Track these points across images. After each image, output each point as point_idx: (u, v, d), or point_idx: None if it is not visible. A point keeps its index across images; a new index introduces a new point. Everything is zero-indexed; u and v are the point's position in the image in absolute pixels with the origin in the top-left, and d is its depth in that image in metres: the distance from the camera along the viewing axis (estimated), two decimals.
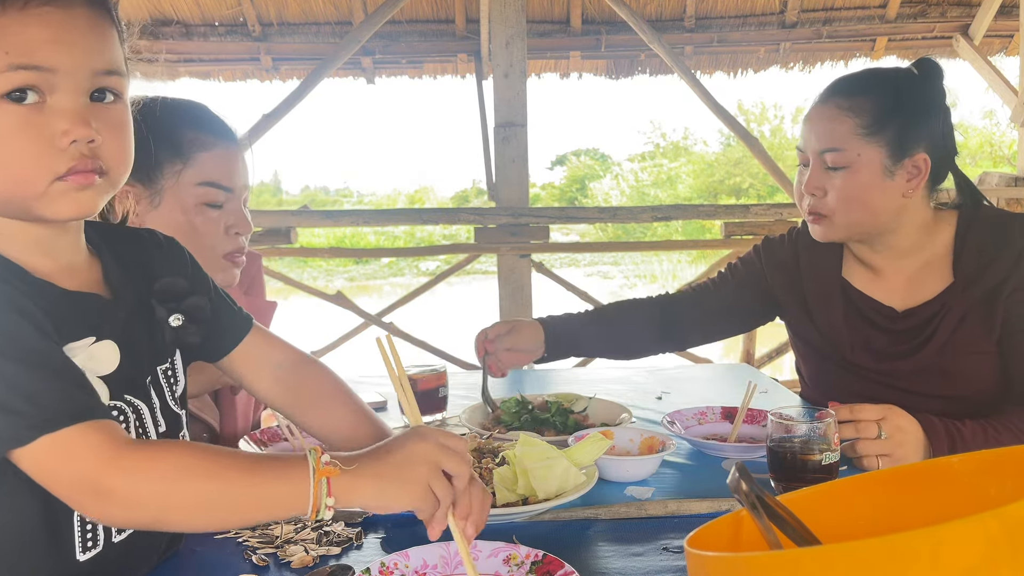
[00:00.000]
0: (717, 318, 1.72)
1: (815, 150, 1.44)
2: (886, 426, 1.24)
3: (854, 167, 1.41)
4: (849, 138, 1.40)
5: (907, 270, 1.50)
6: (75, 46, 0.80)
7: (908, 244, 1.48)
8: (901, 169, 1.41)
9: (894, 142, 1.40)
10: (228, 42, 4.94)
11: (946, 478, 0.80)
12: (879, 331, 1.50)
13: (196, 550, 1.06)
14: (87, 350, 0.86)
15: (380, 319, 4.49)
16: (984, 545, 0.55)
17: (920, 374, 1.46)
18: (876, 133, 1.40)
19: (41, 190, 0.80)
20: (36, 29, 0.78)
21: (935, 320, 1.44)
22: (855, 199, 1.42)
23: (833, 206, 1.44)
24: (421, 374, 1.65)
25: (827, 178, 1.43)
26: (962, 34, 4.92)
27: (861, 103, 1.41)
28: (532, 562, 0.96)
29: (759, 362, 4.50)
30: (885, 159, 1.40)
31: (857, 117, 1.40)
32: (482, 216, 4.18)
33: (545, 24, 4.98)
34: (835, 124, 1.42)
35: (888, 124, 1.40)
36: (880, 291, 1.52)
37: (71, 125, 0.79)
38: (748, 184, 18.42)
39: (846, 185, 1.42)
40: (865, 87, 1.44)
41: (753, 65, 5.29)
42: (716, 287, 1.72)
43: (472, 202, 19.57)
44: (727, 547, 0.76)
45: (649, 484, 1.28)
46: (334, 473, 0.81)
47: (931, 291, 1.47)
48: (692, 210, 5.09)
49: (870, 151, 1.40)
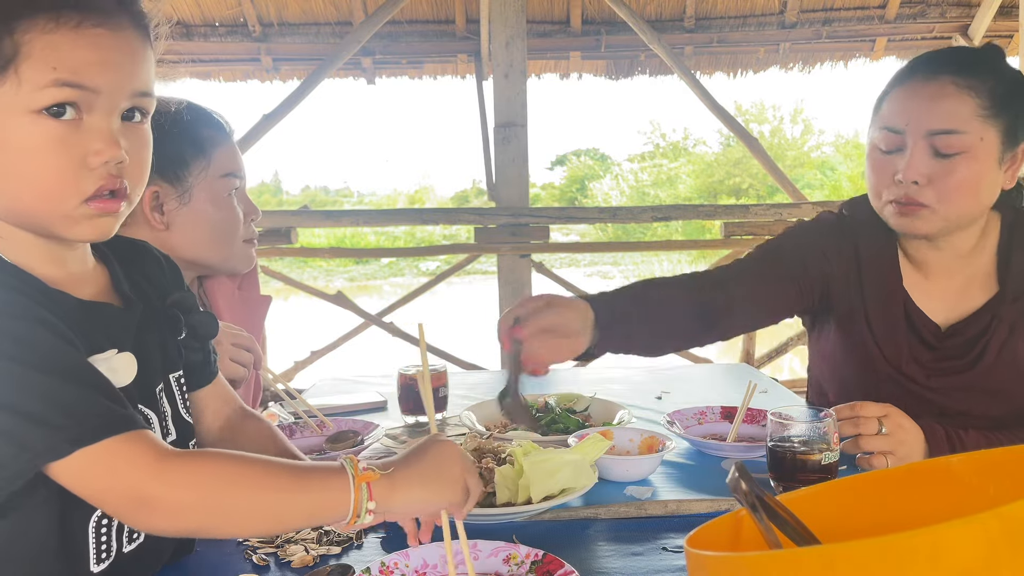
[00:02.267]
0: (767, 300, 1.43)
1: (923, 131, 1.26)
2: (887, 423, 1.22)
3: (972, 152, 1.24)
4: (971, 120, 1.24)
5: (956, 278, 1.38)
6: (121, 69, 0.81)
7: (969, 246, 1.36)
8: (1010, 158, 1.29)
9: (1010, 128, 1.26)
10: (228, 42, 4.95)
11: (946, 478, 0.80)
12: (926, 347, 1.39)
13: (197, 550, 1.06)
14: (107, 362, 0.86)
15: (380, 319, 4.49)
16: (984, 545, 0.55)
17: (968, 392, 1.36)
18: (998, 115, 1.25)
19: (67, 210, 0.80)
20: (87, 50, 0.78)
21: (985, 335, 1.34)
22: (969, 188, 1.26)
23: (941, 195, 1.26)
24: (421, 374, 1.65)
25: (935, 164, 1.26)
26: (962, 34, 4.92)
27: (980, 81, 1.25)
28: (532, 562, 0.96)
29: (759, 362, 4.50)
30: (1000, 145, 1.26)
31: (977, 97, 1.24)
32: (482, 216, 4.18)
33: (545, 24, 4.99)
34: (954, 103, 1.24)
35: (1007, 107, 1.26)
36: (928, 303, 1.40)
37: (105, 146, 0.80)
38: (748, 184, 18.42)
39: (961, 172, 1.25)
40: (978, 66, 1.27)
41: (753, 65, 5.30)
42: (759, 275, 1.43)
43: (472, 202, 19.56)
44: (727, 547, 0.76)
45: (649, 484, 1.28)
46: (374, 478, 0.84)
47: (976, 302, 1.36)
48: (692, 210, 5.09)
49: (991, 135, 1.25)
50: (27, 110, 0.77)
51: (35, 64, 0.76)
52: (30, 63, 0.76)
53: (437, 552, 0.97)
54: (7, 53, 0.75)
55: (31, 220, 0.82)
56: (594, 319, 1.22)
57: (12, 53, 0.76)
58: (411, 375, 1.64)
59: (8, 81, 0.76)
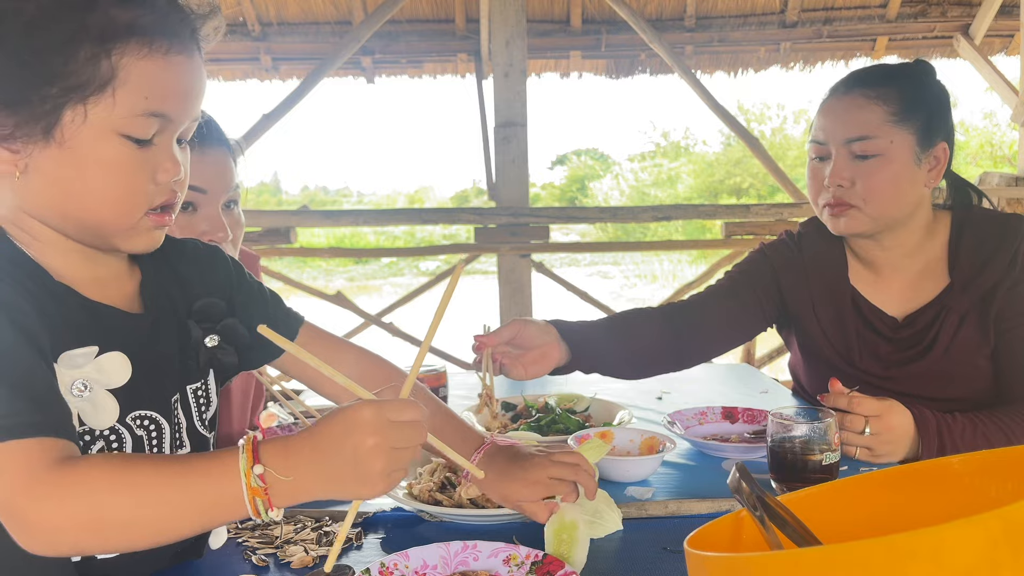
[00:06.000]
0: (730, 326, 1.60)
1: (841, 139, 1.42)
2: (876, 424, 1.25)
3: (887, 154, 1.40)
4: (880, 125, 1.40)
5: (907, 273, 1.50)
6: (194, 99, 0.86)
7: (913, 242, 1.48)
8: (928, 157, 1.42)
9: (922, 129, 1.40)
10: (228, 41, 4.94)
11: (946, 478, 0.80)
12: (883, 339, 1.50)
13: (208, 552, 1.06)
14: (95, 361, 0.85)
15: (380, 319, 4.49)
16: (984, 545, 0.54)
17: (923, 379, 1.46)
18: (906, 120, 1.40)
19: (133, 222, 0.85)
20: (172, 78, 0.83)
21: (935, 324, 1.44)
22: (887, 187, 1.40)
23: (863, 195, 1.41)
24: (421, 374, 1.65)
25: (855, 168, 1.42)
26: (962, 34, 4.92)
27: (887, 92, 1.40)
28: (532, 562, 0.96)
29: (759, 362, 4.50)
30: (915, 146, 1.40)
31: (886, 105, 1.40)
32: (482, 216, 4.18)
33: (545, 24, 4.98)
34: (864, 112, 1.41)
35: (916, 111, 1.40)
36: (881, 297, 1.51)
37: (172, 165, 0.86)
38: (748, 184, 18.40)
39: (878, 173, 1.40)
40: (887, 78, 1.43)
41: (753, 65, 5.29)
42: (725, 295, 1.60)
43: (472, 202, 19.57)
44: (727, 547, 0.76)
45: (649, 484, 1.28)
46: (261, 495, 0.74)
47: (929, 294, 1.47)
48: (692, 210, 5.09)
49: (902, 137, 1.40)
50: (116, 131, 0.80)
51: (131, 90, 0.80)
52: (126, 89, 0.79)
53: (437, 553, 0.97)
54: (105, 75, 0.79)
55: (95, 231, 0.85)
56: (558, 333, 1.42)
57: (110, 76, 0.79)
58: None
59: (104, 101, 0.79)
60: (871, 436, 1.25)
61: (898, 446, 1.27)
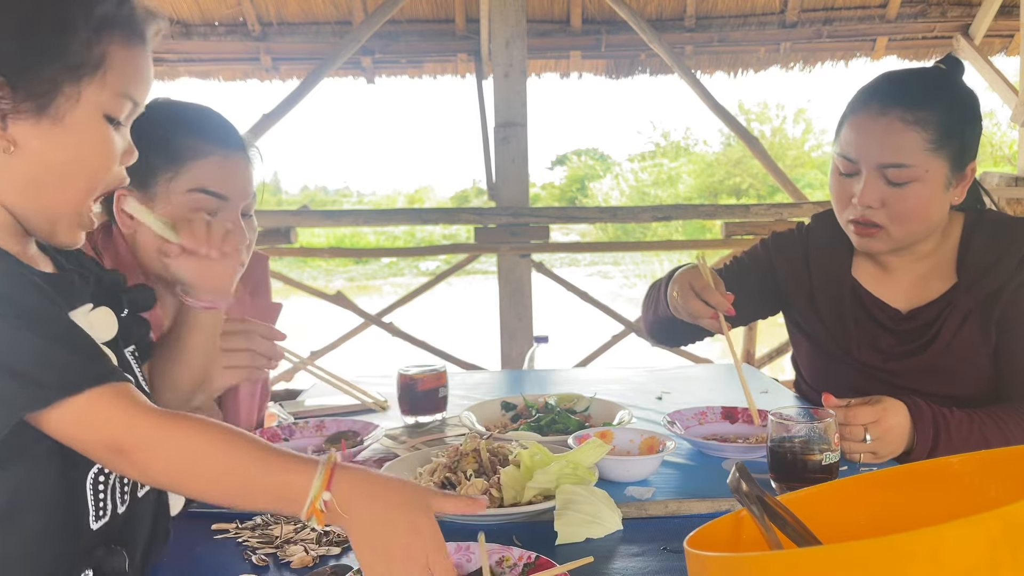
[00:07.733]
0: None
1: (874, 163, 1.37)
2: (875, 429, 1.26)
3: (921, 181, 1.36)
4: (917, 154, 1.35)
5: (917, 270, 1.51)
6: (150, 89, 0.94)
7: (928, 247, 1.48)
8: (959, 178, 1.40)
9: (957, 155, 1.37)
10: (228, 42, 4.94)
11: (946, 478, 0.80)
12: (885, 331, 1.51)
13: (196, 550, 1.06)
14: (87, 317, 0.89)
15: (380, 319, 4.49)
16: (984, 545, 0.55)
17: (922, 373, 1.47)
18: (943, 147, 1.35)
19: (87, 208, 0.90)
20: (143, 67, 0.91)
21: (939, 320, 1.45)
22: (918, 213, 1.38)
23: (892, 218, 1.39)
24: (421, 374, 1.65)
25: (886, 191, 1.38)
26: (962, 34, 4.91)
27: (926, 117, 1.34)
28: (525, 564, 0.96)
29: (759, 362, 4.50)
30: (948, 172, 1.38)
31: (924, 131, 1.34)
32: (482, 216, 4.18)
33: (545, 24, 4.98)
34: (901, 139, 1.35)
35: (953, 137, 1.36)
36: (887, 291, 1.52)
37: (128, 154, 0.92)
38: (748, 184, 18.40)
39: (911, 199, 1.37)
40: (928, 98, 1.37)
41: (753, 65, 5.29)
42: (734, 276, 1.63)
43: (472, 202, 19.56)
44: (727, 547, 0.76)
45: (649, 484, 1.28)
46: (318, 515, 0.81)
47: (935, 291, 1.48)
48: (692, 210, 5.09)
49: (937, 166, 1.36)
50: (102, 111, 0.87)
51: (116, 74, 0.87)
52: (113, 73, 0.87)
53: None
54: (96, 58, 0.86)
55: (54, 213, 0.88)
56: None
57: (100, 59, 0.86)
58: (411, 375, 1.64)
59: (95, 83, 0.86)
60: (871, 443, 1.26)
61: (899, 443, 1.29)
